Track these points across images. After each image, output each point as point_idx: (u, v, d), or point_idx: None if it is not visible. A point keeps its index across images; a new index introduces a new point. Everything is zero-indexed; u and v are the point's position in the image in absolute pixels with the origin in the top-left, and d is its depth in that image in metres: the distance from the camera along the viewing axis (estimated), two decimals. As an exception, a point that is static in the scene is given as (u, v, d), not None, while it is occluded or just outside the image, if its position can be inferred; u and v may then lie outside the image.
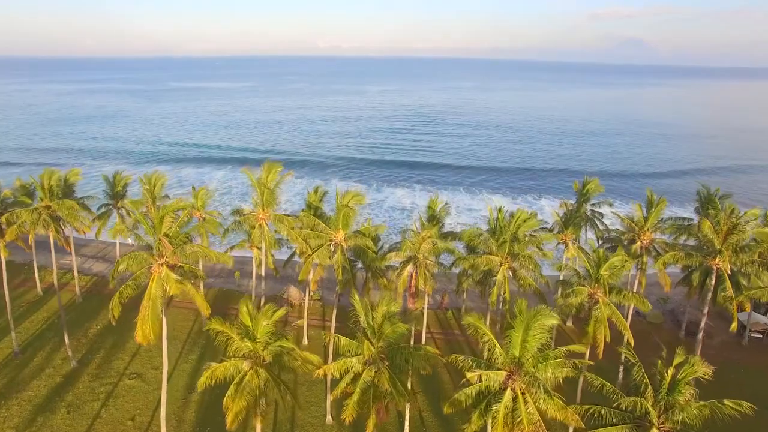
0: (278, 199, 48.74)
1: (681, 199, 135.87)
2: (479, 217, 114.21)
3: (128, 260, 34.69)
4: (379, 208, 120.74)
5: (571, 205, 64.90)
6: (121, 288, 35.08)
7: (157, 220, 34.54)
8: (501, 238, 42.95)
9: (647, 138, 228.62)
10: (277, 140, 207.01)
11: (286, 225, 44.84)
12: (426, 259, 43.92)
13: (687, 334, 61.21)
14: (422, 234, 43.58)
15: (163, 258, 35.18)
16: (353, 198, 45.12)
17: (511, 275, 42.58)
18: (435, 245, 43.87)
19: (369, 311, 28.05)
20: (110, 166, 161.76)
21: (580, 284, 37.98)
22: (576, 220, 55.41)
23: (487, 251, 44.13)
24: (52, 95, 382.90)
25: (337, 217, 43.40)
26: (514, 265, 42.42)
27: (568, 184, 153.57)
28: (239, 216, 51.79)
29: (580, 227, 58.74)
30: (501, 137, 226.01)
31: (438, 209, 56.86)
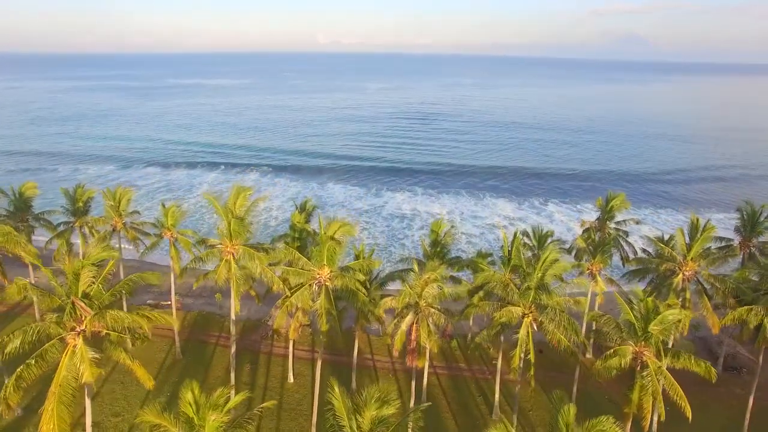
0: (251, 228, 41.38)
1: (694, 203, 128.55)
2: (485, 227, 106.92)
3: (23, 335, 26.67)
4: (377, 215, 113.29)
5: (593, 223, 57.47)
6: (20, 369, 26.82)
7: (71, 276, 26.97)
8: (524, 285, 35.43)
9: (655, 138, 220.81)
10: (273, 140, 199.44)
11: (258, 262, 37.48)
12: (429, 307, 36.47)
13: (725, 369, 54.01)
14: (425, 276, 36.08)
15: (81, 326, 27.37)
16: (341, 228, 37.75)
17: (536, 329, 35.08)
18: (441, 290, 36.40)
19: (353, 416, 20.80)
20: (96, 167, 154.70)
21: (621, 339, 30.85)
22: (606, 248, 47.74)
23: (506, 298, 36.46)
24: (44, 93, 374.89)
25: (321, 252, 36.19)
26: (540, 318, 34.82)
27: (574, 186, 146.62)
28: (205, 247, 44.30)
29: (611, 255, 51.02)
30: (502, 136, 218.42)
31: (443, 233, 49.38)
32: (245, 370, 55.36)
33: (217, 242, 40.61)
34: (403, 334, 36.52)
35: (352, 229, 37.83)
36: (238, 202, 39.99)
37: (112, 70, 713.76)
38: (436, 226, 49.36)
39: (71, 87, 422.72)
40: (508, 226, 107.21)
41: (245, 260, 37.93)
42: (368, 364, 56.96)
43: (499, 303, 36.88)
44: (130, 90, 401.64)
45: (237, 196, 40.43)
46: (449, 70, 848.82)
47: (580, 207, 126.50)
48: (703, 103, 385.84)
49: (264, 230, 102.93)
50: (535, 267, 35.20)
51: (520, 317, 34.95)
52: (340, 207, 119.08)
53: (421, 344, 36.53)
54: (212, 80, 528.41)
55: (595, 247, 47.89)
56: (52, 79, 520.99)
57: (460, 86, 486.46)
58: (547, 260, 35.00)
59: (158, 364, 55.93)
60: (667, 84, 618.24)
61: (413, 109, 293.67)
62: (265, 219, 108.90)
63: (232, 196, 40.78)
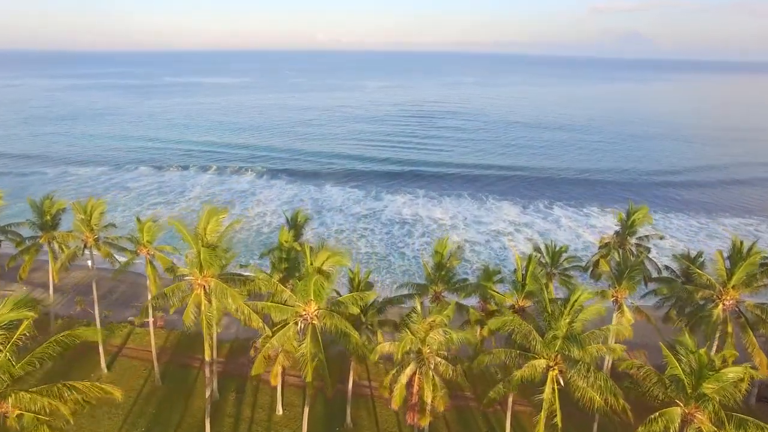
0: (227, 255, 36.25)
1: (706, 208, 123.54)
2: (490, 234, 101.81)
3: None
4: (376, 220, 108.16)
5: (612, 238, 52.39)
6: None
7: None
8: (550, 334, 30.04)
9: (660, 138, 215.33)
10: (270, 140, 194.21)
11: (232, 300, 32.32)
12: (434, 355, 31.17)
13: (759, 400, 49.04)
14: (429, 319, 30.74)
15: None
16: (330, 259, 32.64)
17: (562, 383, 29.67)
18: (448, 335, 30.98)
19: None
20: (87, 169, 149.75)
21: (667, 396, 25.91)
22: (634, 272, 42.32)
23: (527, 347, 30.78)
24: (42, 91, 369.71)
25: (307, 286, 31.21)
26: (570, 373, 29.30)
27: (579, 188, 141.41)
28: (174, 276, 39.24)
29: (639, 282, 45.47)
30: (504, 136, 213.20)
31: (447, 254, 44.27)
32: (230, 399, 50.48)
33: (186, 271, 35.49)
34: (403, 388, 31.43)
35: (343, 258, 32.74)
36: (209, 226, 34.72)
37: (111, 68, 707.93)
38: (441, 247, 44.19)
39: (69, 85, 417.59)
40: (515, 233, 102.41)
41: (218, 294, 32.92)
42: (365, 392, 52.05)
43: (518, 351, 31.62)
44: (128, 88, 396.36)
45: (208, 220, 35.17)
46: (450, 68, 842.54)
47: (586, 211, 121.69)
48: (707, 102, 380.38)
49: (256, 237, 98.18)
50: (562, 310, 30.00)
51: (543, 370, 29.76)
52: (337, 212, 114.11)
53: (424, 400, 31.35)
54: (211, 78, 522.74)
55: (620, 271, 42.61)
56: (50, 77, 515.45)
57: (462, 85, 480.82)
58: (577, 301, 29.86)
59: (135, 392, 51.02)
60: (669, 83, 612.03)
61: (414, 108, 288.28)
62: (257, 225, 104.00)
63: (202, 220, 35.54)
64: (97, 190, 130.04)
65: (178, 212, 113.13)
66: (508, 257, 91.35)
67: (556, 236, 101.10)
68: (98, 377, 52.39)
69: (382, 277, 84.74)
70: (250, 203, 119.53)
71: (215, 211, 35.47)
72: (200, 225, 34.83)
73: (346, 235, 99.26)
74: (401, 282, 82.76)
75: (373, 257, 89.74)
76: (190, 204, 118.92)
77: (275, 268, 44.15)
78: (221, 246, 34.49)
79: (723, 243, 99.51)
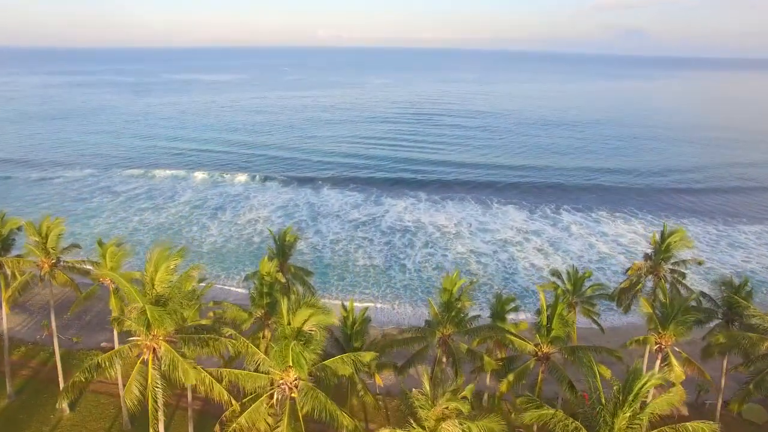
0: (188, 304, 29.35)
1: (721, 213, 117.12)
2: (497, 243, 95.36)
3: None
4: (375, 229, 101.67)
5: (643, 265, 45.99)
6: None
7: None
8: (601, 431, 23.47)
9: (669, 140, 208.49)
10: (267, 140, 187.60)
11: (184, 376, 25.73)
12: None
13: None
14: (441, 406, 24.11)
15: None
16: (312, 317, 26.06)
17: None
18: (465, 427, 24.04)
19: None
20: (73, 171, 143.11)
21: None
22: (684, 317, 35.32)
23: None
24: (37, 88, 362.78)
25: (284, 354, 24.70)
26: None
27: (585, 190, 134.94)
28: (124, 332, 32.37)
29: (691, 327, 38.42)
30: (506, 135, 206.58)
31: (457, 291, 37.79)
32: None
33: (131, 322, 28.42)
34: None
35: (329, 317, 26.15)
36: (159, 276, 28.00)
37: (109, 65, 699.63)
38: (450, 283, 37.63)
39: (64, 82, 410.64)
40: (523, 243, 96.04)
41: (167, 364, 26.32)
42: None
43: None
44: (123, 86, 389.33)
45: (156, 267, 28.33)
46: (450, 65, 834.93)
47: (595, 216, 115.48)
48: (712, 102, 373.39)
49: (246, 248, 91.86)
50: (622, 399, 23.23)
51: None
52: (333, 218, 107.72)
53: None
54: (209, 75, 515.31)
55: (666, 314, 35.87)
56: (46, 74, 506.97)
57: (463, 82, 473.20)
58: (641, 392, 23.15)
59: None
60: (673, 80, 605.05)
61: (415, 107, 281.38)
62: (248, 234, 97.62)
63: (150, 265, 28.70)
64: (82, 194, 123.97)
65: (166, 218, 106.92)
66: (517, 269, 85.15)
67: (568, 246, 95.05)
68: (58, 419, 46.16)
69: (383, 290, 78.65)
70: (242, 209, 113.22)
71: (165, 255, 28.57)
72: (148, 271, 28.05)
73: (342, 245, 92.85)
74: (402, 297, 77.78)
75: (372, 271, 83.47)
76: (179, 210, 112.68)
77: (255, 304, 37.94)
78: (176, 298, 27.65)
79: (747, 253, 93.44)
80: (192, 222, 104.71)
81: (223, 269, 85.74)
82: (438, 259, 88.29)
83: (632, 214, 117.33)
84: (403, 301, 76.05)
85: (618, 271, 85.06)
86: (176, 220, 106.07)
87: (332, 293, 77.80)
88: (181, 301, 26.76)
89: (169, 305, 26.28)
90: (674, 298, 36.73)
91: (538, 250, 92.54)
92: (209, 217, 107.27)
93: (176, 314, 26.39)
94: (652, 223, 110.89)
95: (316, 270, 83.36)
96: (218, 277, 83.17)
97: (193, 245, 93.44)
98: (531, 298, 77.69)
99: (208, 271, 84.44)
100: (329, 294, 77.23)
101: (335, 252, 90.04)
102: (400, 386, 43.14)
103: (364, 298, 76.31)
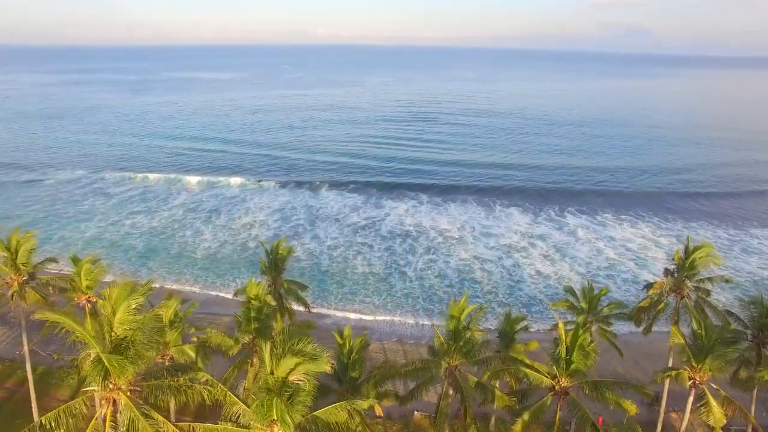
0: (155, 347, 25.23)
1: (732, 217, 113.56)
2: (501, 249, 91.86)
3: None
4: (374, 233, 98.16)
5: (665, 282, 42.40)
6: None
7: None
8: None
9: (671, 140, 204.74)
10: (264, 140, 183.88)
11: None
12: None
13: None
14: None
15: None
16: (299, 367, 22.11)
17: None
18: None
19: None
20: (66, 172, 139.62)
21: None
22: (726, 351, 31.30)
23: None
24: (34, 87, 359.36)
25: (267, 406, 21.10)
26: None
27: (589, 190, 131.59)
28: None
29: (732, 362, 34.31)
30: (507, 134, 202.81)
31: (465, 318, 34.24)
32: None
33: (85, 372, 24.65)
34: None
35: (319, 365, 22.30)
36: (118, 315, 24.02)
37: (107, 62, 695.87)
38: (457, 311, 34.00)
39: (63, 80, 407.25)
40: (529, 248, 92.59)
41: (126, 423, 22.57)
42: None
43: None
44: (122, 84, 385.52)
45: (115, 307, 24.15)
46: (450, 63, 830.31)
47: (600, 218, 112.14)
48: (715, 101, 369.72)
49: (241, 253, 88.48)
50: None
51: None
52: (332, 222, 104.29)
53: None
54: (208, 73, 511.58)
55: (701, 347, 31.87)
56: (45, 72, 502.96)
57: (464, 81, 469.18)
58: None
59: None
60: (675, 78, 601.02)
61: (416, 106, 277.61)
62: (243, 239, 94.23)
63: (108, 305, 24.40)
64: (74, 196, 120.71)
65: (159, 222, 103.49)
66: (523, 277, 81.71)
67: (575, 252, 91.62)
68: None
69: (383, 299, 75.34)
70: (237, 212, 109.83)
71: (125, 292, 24.25)
72: (105, 311, 24.11)
73: (340, 251, 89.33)
74: (403, 306, 74.45)
75: (371, 278, 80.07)
76: (173, 213, 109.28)
77: (242, 330, 34.53)
78: (141, 340, 23.53)
79: (763, 259, 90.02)
80: (186, 226, 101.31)
81: (218, 276, 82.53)
82: (440, 266, 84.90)
83: (638, 217, 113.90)
84: (404, 311, 72.76)
85: (628, 279, 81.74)
86: (169, 223, 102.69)
87: (331, 302, 74.65)
88: (148, 343, 23.07)
89: (131, 351, 22.60)
90: (709, 327, 32.79)
91: (544, 257, 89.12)
92: (203, 221, 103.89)
93: (142, 359, 22.78)
94: (660, 227, 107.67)
95: (313, 277, 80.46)
96: (213, 284, 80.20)
97: (186, 251, 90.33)
98: (537, 306, 74.48)
99: (202, 278, 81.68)
100: (327, 303, 74.11)
101: (333, 258, 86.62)
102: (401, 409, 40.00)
103: (364, 308, 73.13)
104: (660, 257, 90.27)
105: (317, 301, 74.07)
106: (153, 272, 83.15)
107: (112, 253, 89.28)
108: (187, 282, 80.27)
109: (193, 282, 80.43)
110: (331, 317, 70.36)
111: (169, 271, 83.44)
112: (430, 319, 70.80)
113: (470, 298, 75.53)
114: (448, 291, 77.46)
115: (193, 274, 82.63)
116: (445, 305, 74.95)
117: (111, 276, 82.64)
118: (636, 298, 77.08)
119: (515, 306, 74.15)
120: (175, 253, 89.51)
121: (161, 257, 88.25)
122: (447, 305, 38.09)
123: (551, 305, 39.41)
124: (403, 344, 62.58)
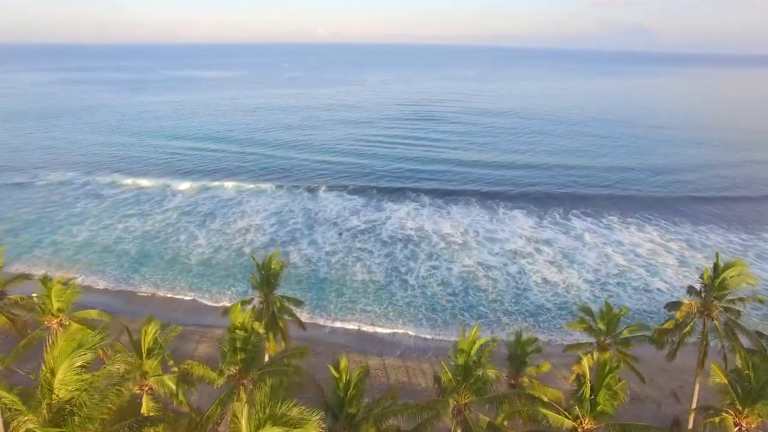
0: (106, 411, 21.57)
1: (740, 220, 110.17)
2: (506, 255, 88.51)
3: None
4: (375, 238, 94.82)
5: (692, 305, 38.92)
6: None
7: None
8: None
9: (674, 139, 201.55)
10: (261, 141, 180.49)
11: None
12: None
13: None
14: None
15: None
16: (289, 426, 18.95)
17: None
18: None
19: None
20: (58, 173, 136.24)
21: None
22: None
23: None
24: (33, 85, 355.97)
25: None
26: None
27: (593, 191, 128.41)
28: None
29: None
30: (507, 134, 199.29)
31: (476, 353, 30.74)
32: None
33: None
34: None
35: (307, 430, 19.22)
36: (59, 375, 19.71)
37: (107, 61, 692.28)
38: (467, 344, 30.49)
39: (62, 79, 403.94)
40: (534, 253, 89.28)
41: None
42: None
43: None
44: (121, 83, 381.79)
45: (56, 367, 20.13)
46: (450, 61, 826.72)
47: (606, 221, 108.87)
48: (717, 100, 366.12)
49: (236, 259, 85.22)
50: None
51: None
52: (330, 226, 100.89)
53: None
54: (208, 72, 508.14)
55: (747, 389, 28.19)
56: (45, 70, 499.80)
57: (464, 80, 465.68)
58: None
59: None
60: (676, 77, 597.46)
61: (416, 105, 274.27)
62: (238, 244, 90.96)
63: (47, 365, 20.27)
64: (66, 198, 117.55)
65: (152, 226, 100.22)
66: (529, 285, 78.41)
67: (583, 258, 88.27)
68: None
69: (385, 308, 72.15)
70: (233, 215, 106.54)
71: (69, 347, 20.46)
72: (43, 372, 20.11)
73: (339, 258, 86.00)
74: (404, 315, 71.29)
75: (372, 286, 76.82)
76: (166, 216, 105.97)
77: (227, 361, 31.29)
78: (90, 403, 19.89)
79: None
80: (179, 230, 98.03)
81: (212, 283, 79.37)
82: (443, 273, 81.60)
83: (645, 220, 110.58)
84: (406, 321, 69.58)
85: (639, 287, 78.41)
86: (163, 227, 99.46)
87: (330, 312, 71.42)
88: (101, 401, 19.56)
89: (77, 417, 19.05)
90: (757, 365, 29.14)
91: (550, 263, 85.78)
92: (198, 225, 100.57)
93: (94, 421, 19.22)
94: (668, 231, 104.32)
95: (311, 285, 77.32)
96: (208, 292, 77.09)
97: (180, 256, 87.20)
98: (545, 315, 71.34)
99: (196, 286, 78.57)
100: (326, 313, 70.88)
101: (332, 265, 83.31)
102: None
103: (365, 318, 69.95)
104: (671, 263, 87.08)
105: (315, 311, 70.96)
106: (146, 279, 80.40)
107: (105, 259, 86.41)
108: (181, 290, 77.19)
109: (187, 290, 77.31)
110: (330, 329, 67.28)
111: (163, 278, 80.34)
112: (433, 330, 67.79)
113: (475, 308, 73.36)
114: (451, 300, 74.30)
115: (187, 281, 79.53)
116: (448, 314, 71.99)
117: (104, 283, 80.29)
118: (648, 307, 74.11)
119: (522, 315, 71.15)
120: (168, 259, 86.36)
121: (154, 263, 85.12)
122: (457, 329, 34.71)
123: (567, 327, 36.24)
124: (405, 360, 59.29)
